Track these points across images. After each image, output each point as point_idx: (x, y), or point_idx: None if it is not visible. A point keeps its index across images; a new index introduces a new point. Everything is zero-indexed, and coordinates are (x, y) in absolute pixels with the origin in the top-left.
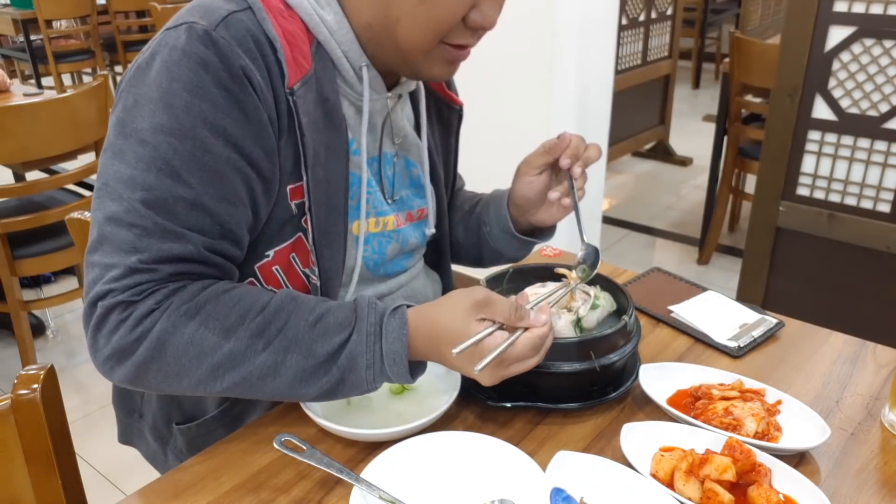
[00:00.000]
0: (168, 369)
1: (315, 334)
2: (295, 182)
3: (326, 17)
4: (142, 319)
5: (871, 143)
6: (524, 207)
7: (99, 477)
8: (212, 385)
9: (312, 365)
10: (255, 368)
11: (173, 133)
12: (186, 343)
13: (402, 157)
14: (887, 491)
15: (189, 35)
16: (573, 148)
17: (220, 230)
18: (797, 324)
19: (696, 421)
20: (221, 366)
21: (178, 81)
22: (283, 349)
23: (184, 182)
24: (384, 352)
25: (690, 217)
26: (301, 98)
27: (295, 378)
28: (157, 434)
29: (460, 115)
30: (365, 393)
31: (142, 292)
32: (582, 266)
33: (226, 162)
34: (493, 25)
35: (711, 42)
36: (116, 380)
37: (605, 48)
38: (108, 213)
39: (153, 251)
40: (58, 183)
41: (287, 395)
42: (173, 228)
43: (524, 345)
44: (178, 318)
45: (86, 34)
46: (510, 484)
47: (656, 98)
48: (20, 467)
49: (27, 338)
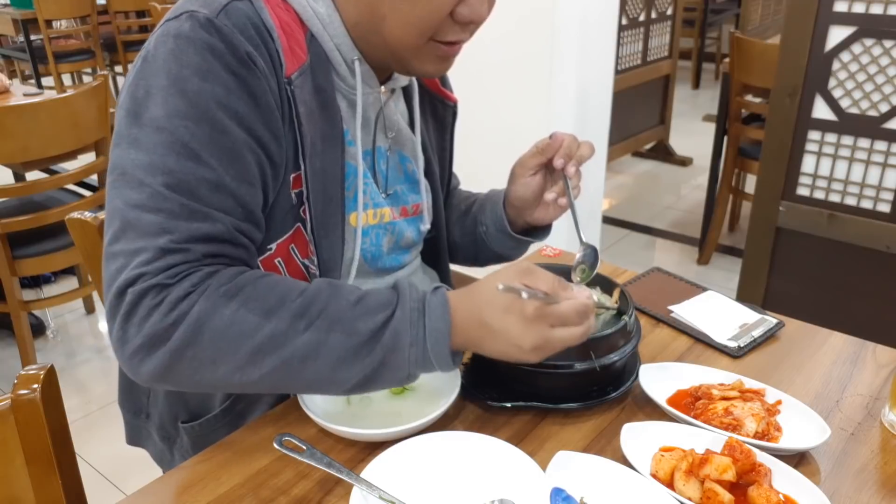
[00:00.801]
0: (204, 355)
1: (357, 312)
2: (295, 171)
3: (319, 9)
4: (178, 303)
5: (871, 143)
6: (521, 208)
7: (99, 477)
8: (249, 372)
9: (355, 344)
10: (296, 350)
11: (189, 116)
12: (227, 324)
13: (396, 151)
14: (887, 491)
15: (192, 23)
16: (566, 147)
17: (242, 212)
18: (797, 324)
19: (696, 421)
20: (262, 348)
21: (187, 67)
22: (326, 328)
23: (205, 164)
24: (427, 330)
25: (690, 217)
26: (298, 88)
27: (338, 359)
28: (163, 434)
29: (455, 112)
30: (402, 383)
31: (177, 274)
32: (581, 266)
33: (243, 143)
34: (482, 19)
35: (711, 42)
36: (145, 374)
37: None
38: (131, 201)
39: (183, 231)
40: (58, 183)
41: (326, 381)
42: (200, 209)
43: (569, 307)
44: (218, 298)
45: (86, 34)
46: (510, 484)
47: (656, 98)
48: (20, 467)
49: (27, 338)
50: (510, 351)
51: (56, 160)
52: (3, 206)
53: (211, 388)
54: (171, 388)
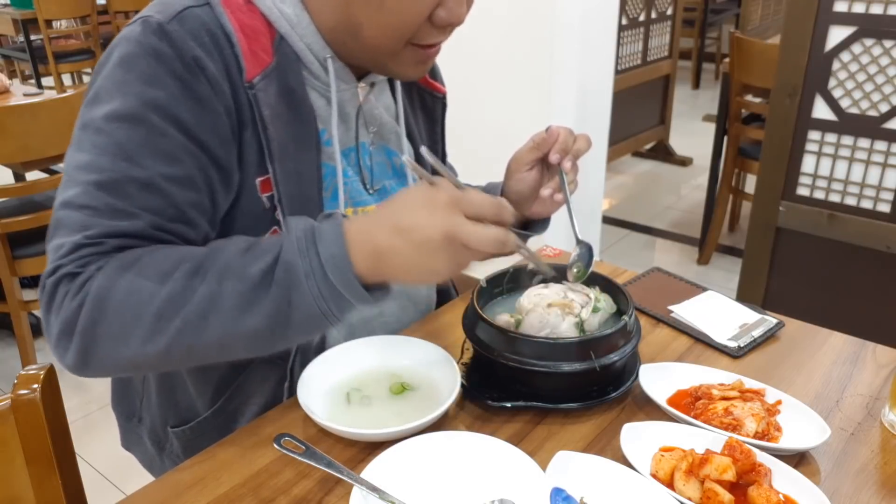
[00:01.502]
0: (111, 331)
1: (247, 259)
2: (263, 175)
3: (286, 10)
4: (83, 285)
5: (871, 143)
6: (518, 202)
7: (99, 477)
8: (158, 339)
9: (249, 287)
10: (193, 306)
11: (127, 119)
12: (125, 295)
13: (380, 146)
14: (887, 491)
15: (144, 28)
16: (561, 142)
17: (174, 212)
18: (797, 324)
19: (696, 421)
20: (163, 313)
21: (132, 72)
22: (217, 280)
23: (137, 164)
24: (322, 257)
25: (690, 217)
26: (262, 91)
27: (236, 307)
28: (154, 438)
29: (444, 104)
30: (323, 320)
31: (86, 263)
32: (577, 265)
33: (180, 146)
34: (461, 21)
35: (711, 42)
36: (70, 362)
37: (605, 48)
38: (65, 199)
39: (101, 227)
40: (58, 183)
41: (235, 331)
42: (124, 208)
43: (483, 198)
44: (114, 271)
45: (86, 34)
46: (510, 484)
47: (656, 98)
48: (20, 467)
49: (27, 338)
50: (420, 251)
51: (56, 160)
52: (3, 206)
53: (135, 367)
54: (102, 374)
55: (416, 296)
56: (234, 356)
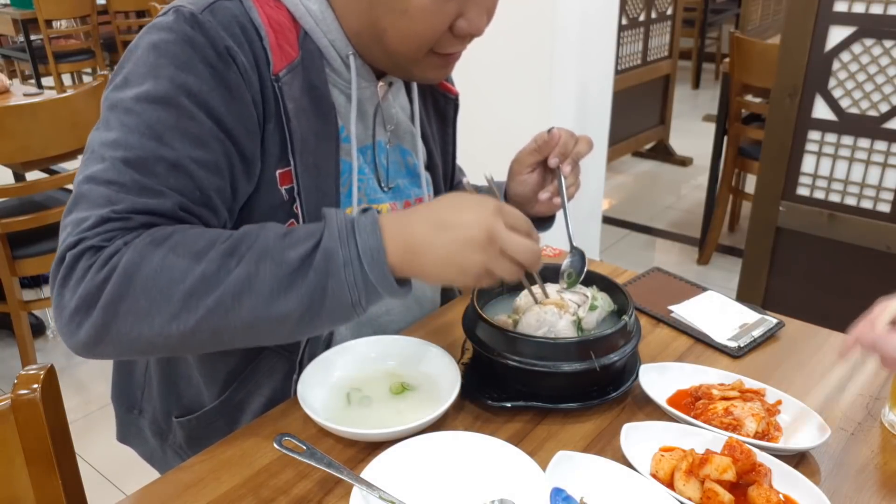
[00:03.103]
0: (137, 307)
1: (286, 243)
2: (284, 167)
3: (311, 6)
4: (109, 258)
5: (871, 143)
6: (520, 204)
7: (99, 477)
8: (185, 318)
9: (287, 272)
10: (228, 287)
11: (158, 101)
12: (156, 271)
13: (396, 145)
14: (887, 491)
15: (177, 17)
16: (562, 146)
17: (199, 195)
18: (797, 324)
19: (696, 421)
20: (194, 291)
21: (164, 57)
22: (255, 261)
23: (166, 144)
24: (360, 248)
25: (690, 217)
26: (287, 84)
27: (271, 291)
28: (156, 429)
29: (456, 104)
30: (351, 310)
31: (112, 238)
32: (568, 272)
33: (209, 132)
34: (481, 33)
35: (711, 42)
36: (83, 338)
37: (605, 48)
38: (88, 174)
39: (128, 203)
40: (58, 183)
41: (266, 318)
42: (152, 186)
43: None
44: (145, 246)
45: (86, 34)
46: (510, 484)
47: (656, 98)
48: (20, 467)
49: (27, 338)
50: (459, 246)
51: (56, 160)
52: (3, 206)
53: (150, 348)
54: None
55: (421, 296)
56: (253, 343)
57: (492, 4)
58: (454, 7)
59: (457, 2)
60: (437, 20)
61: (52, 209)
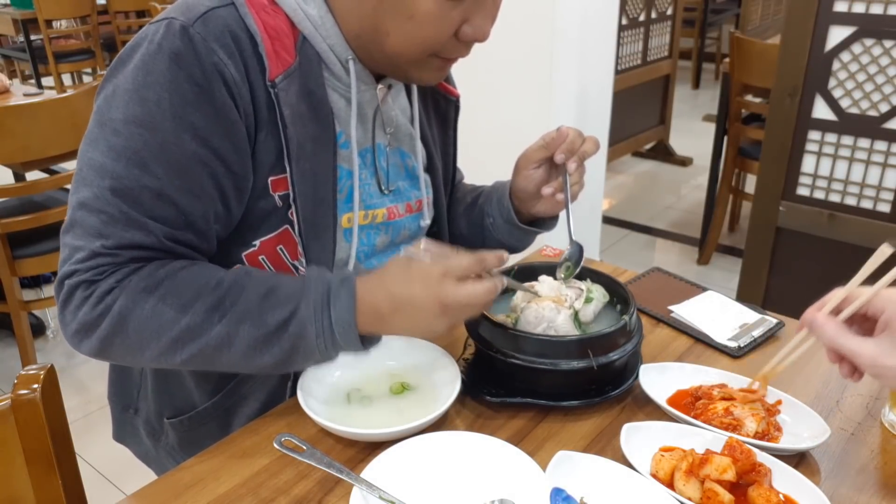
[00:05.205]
0: (130, 343)
1: (265, 306)
2: (277, 174)
3: (310, 11)
4: (103, 296)
5: (871, 143)
6: (524, 199)
7: (99, 477)
8: (171, 357)
9: (264, 334)
10: (210, 340)
11: (144, 125)
12: (146, 318)
13: (395, 147)
14: (887, 491)
15: (167, 31)
16: (569, 143)
17: (184, 221)
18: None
19: (696, 421)
20: (180, 339)
21: (151, 75)
22: (237, 321)
23: (151, 173)
24: (333, 320)
25: (690, 217)
26: (283, 91)
27: (249, 348)
28: (149, 429)
29: (457, 106)
30: (324, 361)
31: (102, 272)
32: (566, 264)
33: (192, 156)
34: (485, 38)
35: (711, 42)
36: (86, 352)
37: (605, 48)
38: (80, 199)
39: (116, 238)
40: (58, 183)
41: (244, 365)
42: (137, 217)
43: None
44: (137, 294)
45: (86, 34)
46: (510, 484)
47: (656, 98)
48: (20, 467)
49: (27, 338)
50: (419, 318)
51: (56, 160)
52: (3, 206)
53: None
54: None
55: None
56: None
57: (496, 11)
58: (460, 13)
59: (462, 8)
60: (443, 26)
61: (52, 209)
